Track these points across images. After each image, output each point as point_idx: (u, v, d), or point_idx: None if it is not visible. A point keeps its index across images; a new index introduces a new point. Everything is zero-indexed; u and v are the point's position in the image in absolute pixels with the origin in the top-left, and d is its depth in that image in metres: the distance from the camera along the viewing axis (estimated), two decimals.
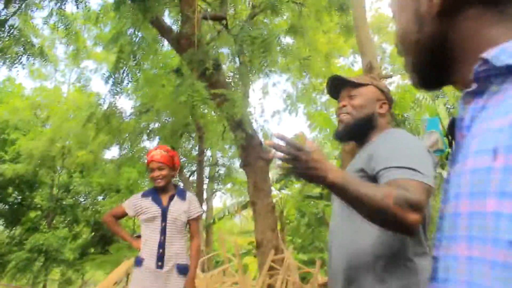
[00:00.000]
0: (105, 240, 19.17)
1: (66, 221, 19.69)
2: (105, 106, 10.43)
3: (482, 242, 0.51)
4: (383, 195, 1.36)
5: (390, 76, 8.46)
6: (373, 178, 1.59)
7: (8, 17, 8.59)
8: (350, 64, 20.12)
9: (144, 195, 3.81)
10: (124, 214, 3.92)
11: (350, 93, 1.85)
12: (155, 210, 3.66)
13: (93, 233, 19.68)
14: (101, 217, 19.20)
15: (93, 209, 20.11)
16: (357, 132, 1.84)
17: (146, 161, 3.84)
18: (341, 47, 16.63)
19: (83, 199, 20.75)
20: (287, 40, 12.26)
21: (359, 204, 1.38)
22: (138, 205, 3.76)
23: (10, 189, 18.87)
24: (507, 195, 0.48)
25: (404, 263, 1.56)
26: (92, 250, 19.55)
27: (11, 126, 18.96)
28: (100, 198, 20.77)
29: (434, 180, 1.53)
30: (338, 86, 1.91)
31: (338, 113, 1.87)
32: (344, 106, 1.85)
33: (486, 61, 0.57)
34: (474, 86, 0.60)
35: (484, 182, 0.52)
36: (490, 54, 0.57)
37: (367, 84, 1.87)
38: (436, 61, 0.72)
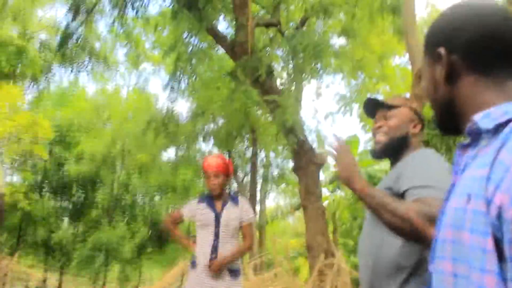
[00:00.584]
0: (161, 239, 19.71)
1: (125, 219, 20.40)
2: (163, 110, 10.83)
3: (462, 263, 0.70)
4: (407, 208, 1.50)
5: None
6: (400, 196, 1.69)
7: (74, 30, 9.11)
8: (405, 63, 19.73)
9: (200, 200, 3.97)
10: (181, 219, 4.12)
11: (386, 114, 1.96)
12: (209, 215, 3.81)
13: (150, 232, 20.27)
14: (158, 215, 19.88)
15: (150, 208, 20.74)
16: (392, 151, 1.94)
17: (202, 164, 3.99)
18: (395, 47, 16.36)
19: (141, 198, 21.46)
20: (341, 41, 12.26)
21: (384, 212, 1.53)
22: (194, 209, 3.92)
23: (74, 188, 19.83)
24: (475, 231, 0.66)
25: (422, 275, 1.67)
26: (149, 248, 20.14)
27: (75, 127, 19.89)
28: (157, 197, 21.43)
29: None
30: (374, 107, 2.02)
31: (374, 133, 1.98)
32: (380, 127, 1.95)
33: (475, 122, 0.76)
34: (467, 140, 0.80)
35: (461, 219, 0.71)
36: (478, 117, 0.77)
37: (400, 106, 1.97)
38: (448, 115, 0.94)
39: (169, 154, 16.40)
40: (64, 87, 22.51)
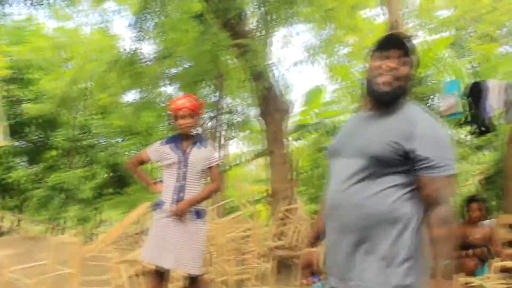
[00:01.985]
0: (122, 181, 19.61)
1: (84, 161, 20.11)
2: (128, 51, 10.49)
3: None
4: (450, 236, 1.67)
5: (415, 34, 8.33)
6: (405, 154, 1.75)
7: None
8: (375, 16, 19.63)
9: (167, 141, 3.95)
10: (147, 160, 4.08)
11: (403, 59, 1.87)
12: (177, 156, 3.81)
13: (110, 174, 20.12)
14: (119, 158, 19.70)
15: (111, 151, 20.47)
16: (394, 99, 1.88)
17: (171, 106, 3.93)
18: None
19: (102, 141, 21.10)
20: None
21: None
22: (161, 151, 3.91)
23: (32, 128, 19.27)
24: None
25: (416, 230, 1.74)
26: (109, 190, 20.03)
27: (34, 65, 19.12)
28: (118, 140, 21.13)
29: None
30: (393, 43, 1.90)
31: (382, 72, 1.86)
32: (395, 68, 1.85)
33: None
34: None
35: None
36: None
37: (414, 54, 1.91)
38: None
39: (133, 96, 16.03)
40: (20, 22, 21.40)
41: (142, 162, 4.14)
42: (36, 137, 19.71)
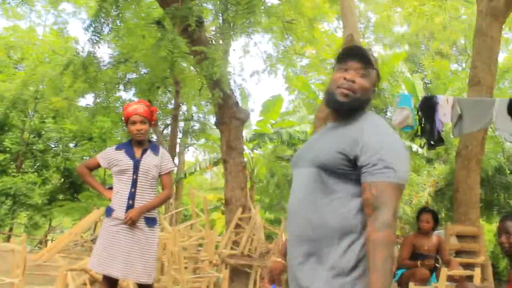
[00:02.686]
0: (74, 188, 19.13)
1: (35, 166, 19.49)
2: (84, 54, 10.25)
3: None
4: (387, 245, 1.63)
5: (369, 49, 8.53)
6: (352, 161, 1.74)
7: None
8: (333, 30, 20.07)
9: (118, 147, 3.88)
10: (98, 165, 3.99)
11: (362, 71, 1.87)
12: (128, 162, 3.74)
13: (62, 180, 19.58)
14: (72, 164, 19.20)
15: (64, 156, 19.93)
16: (351, 111, 1.87)
17: (124, 112, 3.88)
18: (325, 13, 16.54)
19: (54, 145, 20.51)
20: (273, 0, 12.18)
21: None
22: (111, 157, 3.83)
23: None
24: None
25: (362, 240, 1.72)
26: (61, 196, 19.50)
27: None
28: (71, 145, 20.60)
29: (408, 173, 1.78)
30: (353, 55, 1.90)
31: (343, 85, 1.85)
32: (353, 81, 1.85)
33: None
34: None
35: None
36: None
37: (374, 68, 1.91)
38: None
39: (87, 100, 15.72)
40: None
41: (93, 168, 4.06)
42: None
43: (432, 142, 6.64)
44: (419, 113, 6.72)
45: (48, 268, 5.69)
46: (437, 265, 5.70)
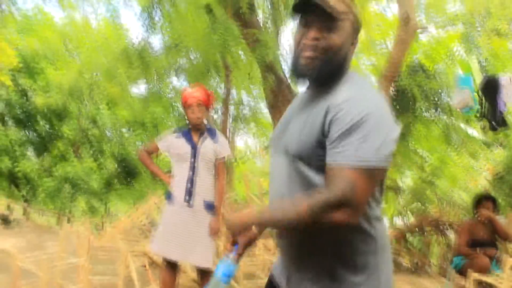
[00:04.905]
0: (129, 173, 19.65)
1: (92, 152, 20.16)
2: (135, 42, 10.45)
3: None
4: (296, 210, 1.33)
5: (426, 28, 8.22)
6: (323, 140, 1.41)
7: None
8: (382, 10, 19.46)
9: (177, 132, 3.94)
10: (157, 150, 4.07)
11: (327, 25, 1.46)
12: (187, 147, 3.80)
13: (117, 166, 20.16)
14: (126, 150, 19.71)
15: (118, 142, 20.50)
16: (324, 75, 1.49)
17: (181, 97, 3.90)
18: None
19: (109, 132, 21.14)
20: None
21: (280, 227, 1.48)
22: (170, 142, 3.90)
23: (40, 119, 19.31)
24: None
25: (365, 228, 1.45)
26: (116, 182, 20.09)
27: (41, 56, 19.12)
28: (125, 131, 21.15)
29: (388, 153, 1.35)
30: (308, 8, 1.47)
31: (306, 47, 1.48)
32: (317, 39, 1.47)
33: None
34: None
35: None
36: None
37: (346, 18, 1.48)
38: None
39: (140, 88, 16.02)
40: (28, 14, 21.42)
41: (152, 153, 4.13)
42: (43, 128, 19.74)
43: (494, 125, 6.38)
44: (480, 93, 6.46)
45: (110, 249, 5.87)
46: (497, 253, 5.50)
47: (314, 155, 1.41)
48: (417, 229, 8.70)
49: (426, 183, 10.43)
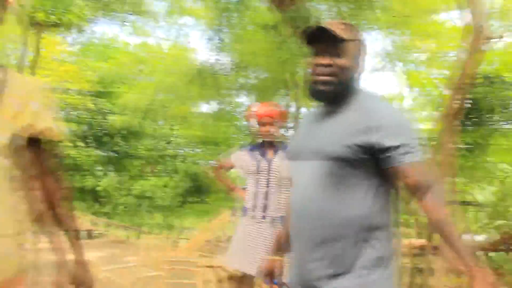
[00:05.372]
0: (202, 190, 20.11)
1: (167, 170, 20.88)
2: (205, 63, 10.83)
3: None
4: (446, 214, 1.53)
5: (501, 37, 7.90)
6: (367, 149, 1.57)
7: None
8: (452, 20, 18.86)
9: (250, 149, 3.95)
10: (231, 166, 4.16)
11: (336, 51, 1.65)
12: (260, 163, 3.81)
13: (191, 183, 20.70)
14: (199, 168, 20.24)
15: (191, 160, 21.09)
16: (338, 95, 1.68)
17: (256, 112, 3.95)
18: (444, 2, 15.63)
19: (182, 150, 21.82)
20: None
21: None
22: (244, 157, 3.92)
23: (117, 138, 20.35)
24: None
25: (383, 233, 1.61)
26: (190, 198, 20.62)
27: (118, 80, 20.21)
28: (197, 150, 21.74)
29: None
30: (319, 36, 1.65)
31: (320, 72, 1.66)
32: (329, 65, 1.64)
33: None
34: None
35: None
36: None
37: (352, 40, 1.67)
38: None
39: (210, 107, 16.47)
40: (106, 41, 22.75)
41: (225, 168, 4.20)
42: (121, 147, 20.77)
43: None
44: None
45: (186, 263, 6.08)
46: None
47: (351, 157, 1.57)
48: (502, 246, 8.27)
49: (509, 198, 9.91)
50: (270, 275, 1.98)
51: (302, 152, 1.72)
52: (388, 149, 1.54)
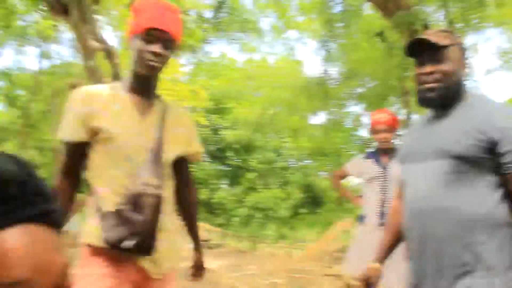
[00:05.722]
0: (315, 201, 20.21)
1: (278, 182, 21.29)
2: (313, 75, 10.98)
3: None
4: None
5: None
6: (489, 150, 1.61)
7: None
8: None
9: (367, 156, 4.01)
10: (347, 175, 4.23)
11: (438, 58, 1.72)
12: (376, 169, 3.83)
13: (303, 194, 20.86)
14: (310, 179, 20.38)
15: (303, 172, 21.30)
16: (446, 101, 1.75)
17: (370, 120, 4.00)
18: None
19: (294, 162, 22.12)
20: None
21: None
22: (361, 165, 3.97)
23: (230, 152, 21.19)
24: None
25: (508, 230, 1.59)
26: (303, 210, 20.79)
27: (229, 96, 21.08)
28: (308, 161, 21.90)
29: None
30: (419, 47, 1.75)
31: (426, 80, 1.73)
32: (431, 72, 1.72)
33: None
34: None
35: None
36: None
37: (452, 45, 1.73)
38: None
39: (320, 118, 16.59)
40: (215, 59, 23.84)
41: (342, 177, 4.29)
42: (234, 161, 21.60)
43: None
44: None
45: (304, 272, 6.20)
46: None
47: (475, 155, 1.61)
48: None
49: None
50: (367, 282, 2.04)
51: (417, 153, 1.78)
52: (503, 154, 1.58)
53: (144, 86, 1.85)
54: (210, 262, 2.15)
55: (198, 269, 2.13)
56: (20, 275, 0.50)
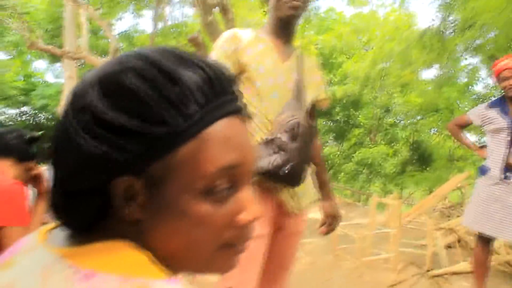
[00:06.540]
0: (423, 159, 19.61)
1: (386, 139, 20.89)
2: (429, 25, 10.45)
3: None
4: None
5: None
6: None
7: None
8: None
9: (492, 105, 3.76)
10: (468, 123, 4.00)
11: None
12: (502, 121, 3.62)
13: (411, 152, 20.34)
14: (420, 136, 19.74)
15: (412, 129, 20.66)
16: None
17: (494, 68, 3.78)
18: None
19: (402, 119, 21.50)
20: None
21: None
22: (485, 115, 3.74)
23: (338, 108, 21.05)
24: None
25: None
26: (410, 167, 20.29)
27: (337, 50, 20.77)
28: (418, 118, 21.15)
29: None
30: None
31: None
32: None
33: None
34: None
35: None
36: None
37: None
38: None
39: (432, 72, 15.84)
40: (323, 15, 23.46)
41: (463, 126, 4.04)
42: (341, 117, 21.44)
43: None
44: None
45: (417, 224, 6.18)
46: None
47: None
48: None
49: None
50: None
51: None
52: None
53: (284, 29, 1.95)
54: (317, 212, 2.29)
55: (333, 219, 2.21)
56: (236, 159, 0.60)
